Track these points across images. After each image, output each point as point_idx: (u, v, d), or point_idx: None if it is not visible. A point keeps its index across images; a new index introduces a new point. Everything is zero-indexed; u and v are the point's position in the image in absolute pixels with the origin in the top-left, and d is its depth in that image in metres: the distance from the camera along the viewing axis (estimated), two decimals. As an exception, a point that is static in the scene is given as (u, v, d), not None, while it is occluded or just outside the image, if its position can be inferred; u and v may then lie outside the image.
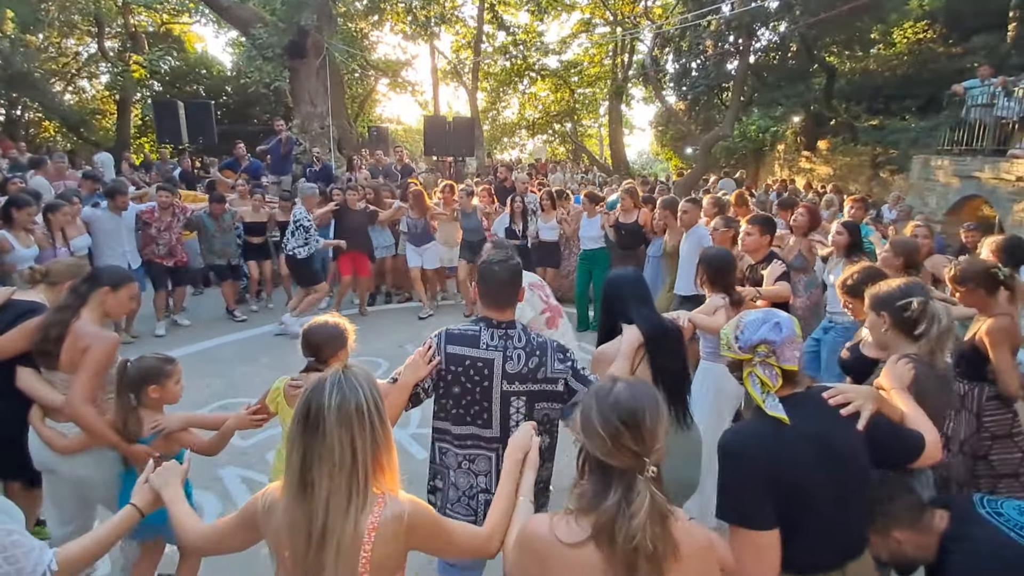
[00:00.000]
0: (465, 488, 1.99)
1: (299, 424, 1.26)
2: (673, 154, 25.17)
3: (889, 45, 17.72)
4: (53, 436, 2.36)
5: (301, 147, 11.55)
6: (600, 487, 1.22)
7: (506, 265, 1.99)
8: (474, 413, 1.95)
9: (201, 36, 24.56)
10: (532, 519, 1.35)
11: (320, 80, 12.64)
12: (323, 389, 1.26)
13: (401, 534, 1.27)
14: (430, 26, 17.08)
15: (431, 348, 1.97)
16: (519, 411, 1.94)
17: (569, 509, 1.25)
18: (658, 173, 23.13)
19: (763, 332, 1.55)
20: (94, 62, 21.11)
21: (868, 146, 14.46)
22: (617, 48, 22.67)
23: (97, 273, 2.49)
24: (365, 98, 22.37)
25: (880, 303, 2.12)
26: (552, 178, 14.84)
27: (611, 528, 1.16)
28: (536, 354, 1.95)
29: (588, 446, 1.24)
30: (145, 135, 21.24)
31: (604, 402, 1.23)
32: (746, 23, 15.38)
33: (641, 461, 1.19)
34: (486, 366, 1.92)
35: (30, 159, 9.20)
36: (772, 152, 18.75)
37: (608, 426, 1.20)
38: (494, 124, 26.33)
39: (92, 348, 2.28)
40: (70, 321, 2.33)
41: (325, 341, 2.29)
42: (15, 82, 16.85)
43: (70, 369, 2.32)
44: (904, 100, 15.14)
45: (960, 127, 9.96)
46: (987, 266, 2.69)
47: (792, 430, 1.51)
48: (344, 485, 1.22)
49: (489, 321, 1.98)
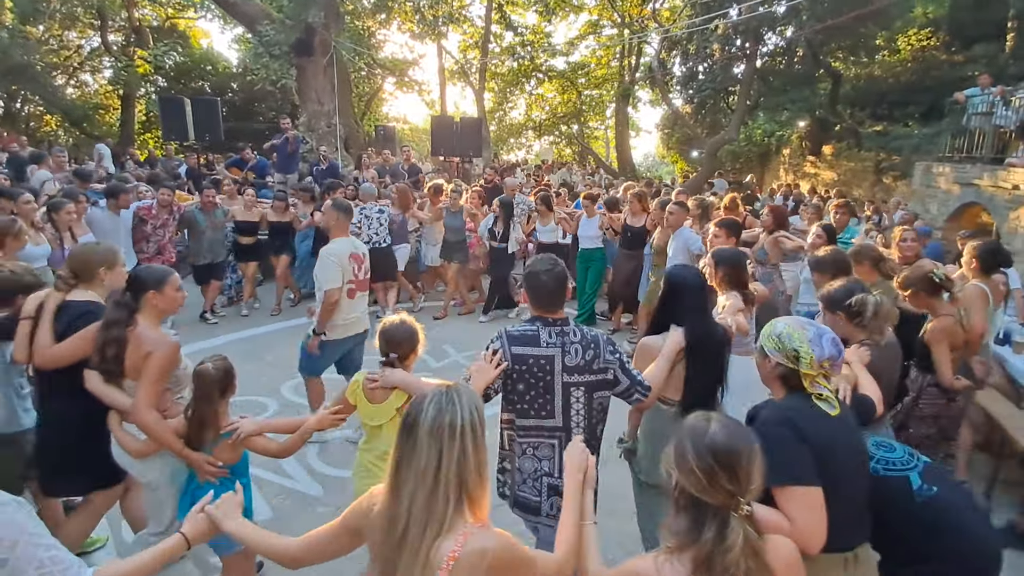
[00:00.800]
0: (530, 472, 2.17)
1: (401, 428, 1.33)
2: (679, 157, 25.19)
3: (894, 52, 17.78)
4: (126, 439, 2.39)
5: (308, 145, 11.53)
6: (694, 523, 1.28)
7: (552, 273, 2.16)
8: (538, 406, 2.12)
9: (207, 32, 24.49)
10: (638, 561, 1.39)
11: (327, 78, 12.61)
12: (423, 401, 1.32)
13: (481, 570, 1.24)
14: (438, 25, 17.07)
15: (497, 352, 2.10)
16: (579, 400, 2.13)
17: (669, 548, 1.31)
18: (663, 176, 23.15)
19: (829, 349, 1.73)
20: (97, 56, 21.02)
21: (872, 152, 14.49)
22: (624, 50, 22.66)
23: (135, 278, 2.46)
24: (372, 97, 22.35)
25: (833, 304, 2.52)
26: (555, 176, 14.86)
27: (709, 564, 1.23)
28: (591, 347, 2.13)
29: (682, 482, 1.29)
30: (149, 131, 21.19)
31: (700, 441, 1.28)
32: (753, 27, 15.40)
33: (736, 500, 1.25)
34: (548, 362, 2.10)
35: (30, 153, 9.18)
36: (777, 156, 18.77)
37: (703, 465, 1.25)
38: (501, 125, 26.31)
39: (154, 354, 2.30)
40: (125, 335, 2.33)
41: (404, 338, 2.34)
42: (14, 74, 16.70)
43: (135, 376, 2.33)
44: (907, 106, 15.21)
45: (961, 135, 10.06)
46: (926, 271, 3.11)
47: (833, 419, 1.72)
48: (424, 497, 1.24)
49: (545, 320, 2.15)
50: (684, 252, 5.07)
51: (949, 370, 3.06)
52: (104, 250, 2.76)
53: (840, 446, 1.68)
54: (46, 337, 2.50)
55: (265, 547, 1.50)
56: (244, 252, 7.10)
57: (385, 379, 2.27)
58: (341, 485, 3.58)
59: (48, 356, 2.49)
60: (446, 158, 12.08)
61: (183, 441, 2.29)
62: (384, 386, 2.29)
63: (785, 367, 1.74)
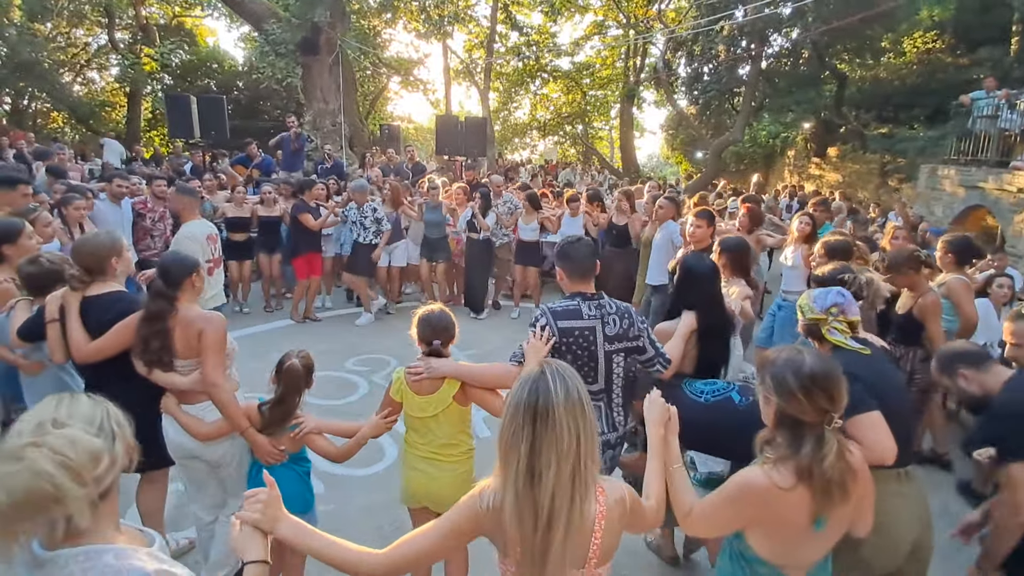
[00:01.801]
0: None
1: (526, 415, 1.28)
2: (683, 158, 25.16)
3: (899, 54, 17.74)
4: (192, 422, 2.42)
5: (313, 144, 11.57)
6: (793, 439, 1.52)
7: (582, 243, 2.41)
8: (584, 373, 2.24)
9: (213, 30, 24.57)
10: (747, 473, 1.57)
11: (332, 77, 12.65)
12: (547, 380, 1.30)
13: (625, 516, 1.38)
14: (443, 25, 17.06)
15: (544, 328, 2.25)
16: (619, 365, 2.35)
17: (769, 458, 1.55)
18: (667, 177, 23.13)
19: (832, 298, 2.11)
20: (104, 53, 21.11)
21: (877, 154, 14.46)
22: (629, 51, 22.65)
23: (167, 271, 2.46)
24: (377, 96, 22.39)
25: (826, 283, 2.70)
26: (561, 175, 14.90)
27: (810, 470, 1.47)
28: (626, 316, 2.35)
29: (782, 406, 1.53)
30: (155, 128, 21.27)
31: (800, 369, 1.51)
32: (759, 29, 15.38)
33: (829, 415, 1.50)
34: (591, 333, 2.28)
35: (35, 150, 9.19)
36: (782, 158, 18.73)
37: (804, 389, 1.49)
38: (505, 124, 26.31)
39: (207, 330, 2.38)
40: (167, 328, 2.38)
41: (447, 327, 2.38)
42: (22, 71, 16.77)
43: (188, 355, 2.40)
44: (913, 109, 15.17)
45: (966, 137, 10.04)
46: (911, 251, 3.55)
47: (869, 356, 2.05)
48: (569, 473, 1.27)
49: (583, 295, 2.34)
50: (668, 245, 5.34)
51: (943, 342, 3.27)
52: (108, 239, 2.68)
53: (882, 378, 2.00)
54: (80, 335, 2.49)
55: (335, 559, 1.31)
56: (236, 250, 6.90)
57: (435, 369, 2.30)
58: (341, 482, 3.61)
59: (88, 353, 2.49)
60: (450, 158, 12.09)
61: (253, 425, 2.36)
62: (433, 376, 2.30)
63: (804, 322, 2.14)
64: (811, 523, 1.51)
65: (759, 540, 1.60)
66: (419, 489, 2.39)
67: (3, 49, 16.69)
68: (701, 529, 1.70)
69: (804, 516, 1.50)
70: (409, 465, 2.41)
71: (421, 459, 2.36)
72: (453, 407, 2.33)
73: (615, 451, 2.45)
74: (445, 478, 2.35)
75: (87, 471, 1.03)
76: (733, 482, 1.59)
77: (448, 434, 2.36)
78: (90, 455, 1.04)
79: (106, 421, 1.12)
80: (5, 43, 16.39)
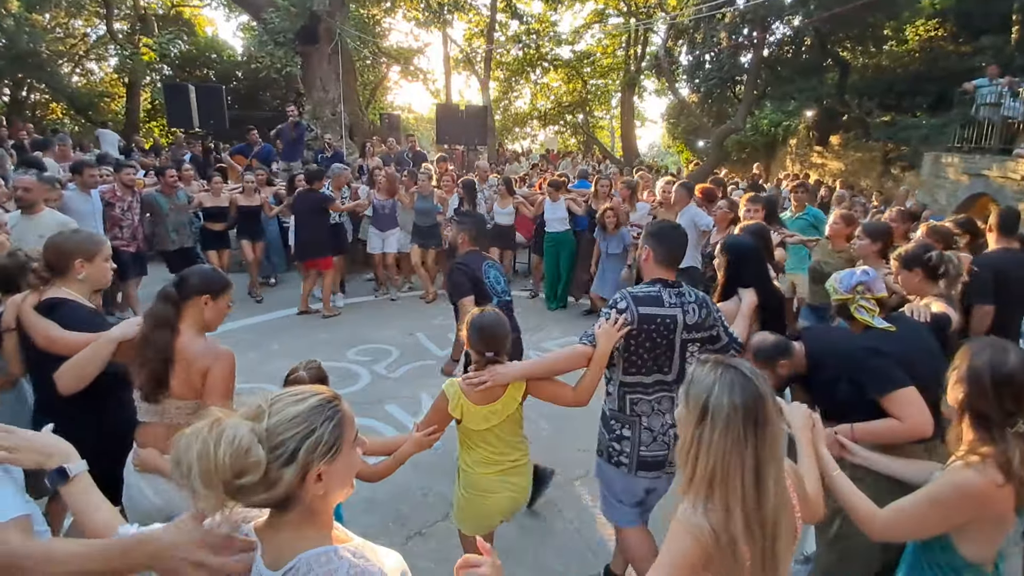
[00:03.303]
0: (658, 428, 2.28)
1: (746, 420, 1.20)
2: (685, 147, 25.01)
3: (901, 42, 17.58)
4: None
5: (313, 133, 11.52)
6: (986, 435, 1.49)
7: (679, 230, 2.40)
8: (661, 362, 2.25)
9: (211, 20, 24.45)
10: (959, 475, 1.50)
11: (332, 66, 12.56)
12: (746, 376, 1.25)
13: (808, 499, 1.43)
14: (443, 13, 16.95)
15: (623, 313, 2.19)
16: (693, 355, 2.28)
17: (971, 457, 1.50)
18: (669, 166, 23.01)
19: (858, 276, 2.19)
20: (102, 44, 20.98)
21: (880, 142, 14.37)
22: (630, 39, 22.46)
23: (189, 278, 2.06)
24: (377, 85, 22.25)
25: (910, 262, 2.84)
26: (562, 165, 14.86)
27: (1009, 468, 1.44)
28: (704, 306, 2.30)
29: (971, 397, 1.51)
30: (155, 119, 21.20)
31: (999, 369, 1.48)
32: (760, 16, 15.26)
33: (1014, 418, 1.47)
34: (672, 321, 2.22)
35: (33, 141, 9.16)
36: (784, 146, 18.62)
37: (996, 386, 1.47)
38: (506, 114, 26.15)
39: (214, 368, 1.97)
40: (171, 343, 1.97)
41: (500, 336, 2.22)
42: (20, 62, 16.73)
43: (187, 395, 1.98)
44: (916, 97, 15.08)
45: (970, 125, 10.02)
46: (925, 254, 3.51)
47: (898, 333, 2.13)
48: (782, 477, 1.28)
49: (665, 282, 2.29)
50: (692, 229, 5.40)
51: None
52: (82, 238, 2.37)
53: (913, 354, 2.07)
54: (44, 324, 2.16)
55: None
56: (212, 239, 6.88)
57: (501, 375, 2.16)
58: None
59: (60, 342, 2.15)
60: (451, 147, 12.06)
61: None
62: (500, 383, 2.17)
63: (834, 303, 2.23)
64: (1016, 516, 1.51)
65: (971, 542, 1.53)
66: (509, 506, 2.28)
67: (1, 40, 16.62)
68: (897, 535, 1.63)
69: (1011, 510, 1.49)
70: (485, 489, 2.23)
71: (503, 473, 2.24)
72: (518, 411, 2.25)
73: None
74: (525, 480, 2.29)
75: (221, 474, 0.97)
76: (947, 485, 1.51)
77: (513, 432, 2.28)
78: (233, 461, 0.97)
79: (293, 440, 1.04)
80: (4, 33, 16.31)
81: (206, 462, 0.95)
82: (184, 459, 0.96)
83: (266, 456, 0.98)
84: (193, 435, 0.97)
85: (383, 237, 7.30)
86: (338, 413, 1.07)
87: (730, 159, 19.75)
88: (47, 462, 1.26)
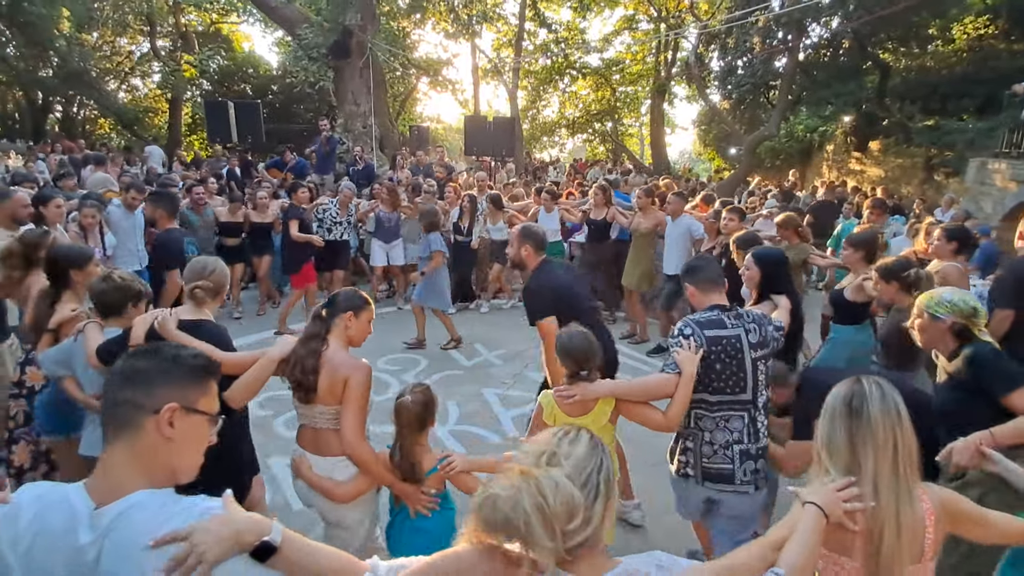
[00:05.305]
0: (721, 442, 2.37)
1: (841, 410, 1.50)
2: (716, 154, 24.63)
3: (948, 41, 16.93)
4: (329, 486, 2.24)
5: (344, 146, 11.74)
6: None
7: (705, 259, 2.66)
8: (732, 383, 2.33)
9: (248, 35, 25.19)
10: None
11: (363, 79, 12.80)
12: (862, 384, 1.51)
13: (943, 519, 1.48)
14: (472, 24, 17.12)
15: (690, 337, 2.31)
16: (763, 372, 2.39)
17: None
18: (700, 173, 22.68)
19: (976, 297, 2.34)
20: (146, 61, 21.90)
21: (922, 147, 13.83)
22: (660, 46, 22.26)
23: (335, 298, 2.37)
24: (406, 97, 22.59)
25: (890, 274, 3.09)
26: (590, 173, 14.78)
27: None
28: (762, 323, 2.43)
29: None
30: (195, 132, 21.94)
31: None
32: (796, 19, 14.87)
33: None
34: (737, 341, 2.34)
35: (85, 156, 9.58)
36: (820, 153, 18.13)
37: None
38: (534, 123, 26.19)
39: (353, 378, 2.19)
40: (321, 350, 2.24)
41: (589, 356, 2.35)
42: (72, 80, 17.59)
43: (330, 401, 2.23)
44: (962, 99, 14.48)
45: (1019, 129, 9.57)
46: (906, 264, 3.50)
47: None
48: (889, 468, 1.43)
49: (721, 307, 2.43)
50: (687, 237, 5.88)
51: None
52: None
53: None
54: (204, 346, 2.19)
55: None
56: (229, 254, 6.81)
57: (590, 391, 2.32)
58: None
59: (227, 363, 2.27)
60: (479, 158, 12.11)
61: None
62: (588, 398, 2.34)
63: (962, 324, 2.20)
64: None
65: None
66: None
67: (55, 59, 17.48)
68: None
69: None
70: None
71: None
72: (609, 425, 2.39)
73: (756, 463, 2.38)
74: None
75: (559, 522, 1.01)
76: None
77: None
78: (566, 507, 1.02)
79: (594, 474, 1.10)
80: (57, 53, 17.14)
81: (543, 513, 0.99)
82: (515, 516, 0.99)
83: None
84: (513, 490, 1.01)
85: (387, 249, 7.36)
86: (599, 440, 1.19)
87: (763, 166, 19.33)
88: (242, 544, 1.04)
